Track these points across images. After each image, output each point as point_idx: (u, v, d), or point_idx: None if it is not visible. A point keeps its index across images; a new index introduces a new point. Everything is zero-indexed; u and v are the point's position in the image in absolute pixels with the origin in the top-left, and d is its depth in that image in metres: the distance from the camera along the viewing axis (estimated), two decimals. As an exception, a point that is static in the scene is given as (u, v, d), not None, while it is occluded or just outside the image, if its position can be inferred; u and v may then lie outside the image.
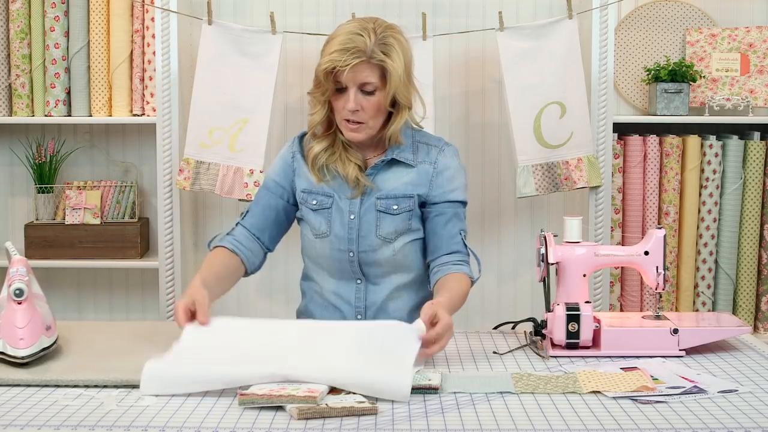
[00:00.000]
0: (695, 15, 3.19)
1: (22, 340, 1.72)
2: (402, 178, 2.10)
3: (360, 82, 1.99)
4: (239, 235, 2.14)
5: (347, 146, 2.11)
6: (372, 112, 2.02)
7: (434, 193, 2.10)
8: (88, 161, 3.25)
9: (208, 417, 1.51)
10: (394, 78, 2.00)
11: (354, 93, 2.00)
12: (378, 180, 2.11)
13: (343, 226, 2.10)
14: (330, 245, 2.11)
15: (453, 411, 1.55)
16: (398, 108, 2.06)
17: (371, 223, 2.09)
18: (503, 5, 3.09)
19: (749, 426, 1.47)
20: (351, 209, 2.10)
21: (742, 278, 3.08)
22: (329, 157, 2.11)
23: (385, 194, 2.09)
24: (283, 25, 3.02)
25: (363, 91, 2.01)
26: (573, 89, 2.92)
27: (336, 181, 2.12)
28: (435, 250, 2.10)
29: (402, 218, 2.09)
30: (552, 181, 2.96)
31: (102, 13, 3.03)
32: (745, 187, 3.06)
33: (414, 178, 2.10)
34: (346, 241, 2.10)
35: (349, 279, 2.15)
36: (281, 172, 2.17)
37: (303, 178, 2.15)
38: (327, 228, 2.11)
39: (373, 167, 2.11)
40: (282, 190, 2.17)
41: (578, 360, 1.87)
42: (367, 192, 2.10)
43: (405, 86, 2.04)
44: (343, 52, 1.97)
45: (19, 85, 3.06)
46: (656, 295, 2.08)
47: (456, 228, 2.10)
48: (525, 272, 3.28)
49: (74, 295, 3.31)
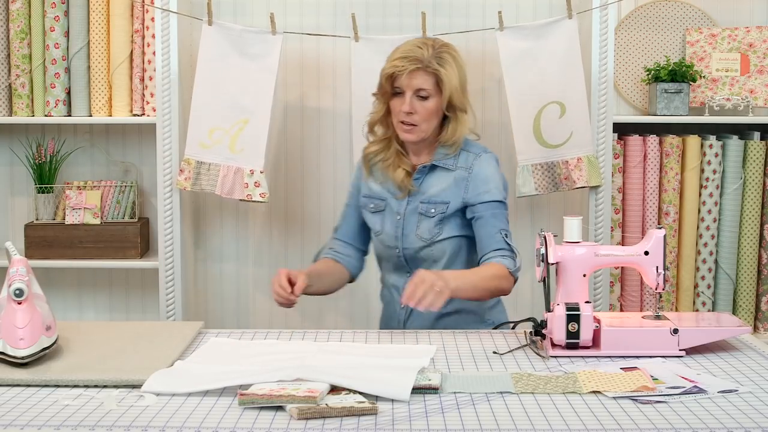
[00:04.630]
0: (695, 15, 3.19)
1: (22, 340, 1.72)
2: (441, 184, 2.31)
3: (415, 87, 2.24)
4: (335, 245, 2.47)
5: (400, 153, 2.34)
6: (425, 116, 2.25)
7: (469, 196, 2.29)
8: (88, 161, 3.25)
9: (208, 417, 1.52)
10: (447, 86, 2.24)
11: (410, 97, 2.25)
12: (424, 185, 2.33)
13: (392, 226, 2.35)
14: (383, 242, 2.38)
15: (453, 411, 1.55)
16: (454, 113, 2.28)
17: (413, 224, 2.32)
18: (503, 5, 3.08)
19: (749, 426, 1.47)
20: (398, 210, 2.34)
21: (742, 278, 3.08)
22: (383, 162, 2.37)
23: (427, 198, 2.31)
24: (283, 25, 3.02)
25: (418, 96, 2.25)
26: (573, 89, 2.92)
27: (388, 184, 2.37)
28: (480, 250, 2.27)
29: (435, 221, 2.30)
30: (552, 180, 2.96)
31: (102, 13, 3.03)
32: (745, 187, 3.06)
33: (451, 184, 2.30)
34: (393, 239, 2.35)
35: (401, 271, 2.38)
36: (354, 183, 2.48)
37: (364, 184, 2.43)
38: (380, 227, 2.38)
39: (419, 172, 2.32)
40: (358, 199, 2.45)
41: (578, 360, 1.87)
42: (413, 194, 2.33)
43: (460, 95, 2.28)
44: (403, 59, 2.24)
45: (19, 85, 3.06)
46: (656, 295, 2.08)
47: (495, 228, 2.26)
48: (525, 272, 3.28)
49: (74, 295, 3.31)
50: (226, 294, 3.29)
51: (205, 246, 3.28)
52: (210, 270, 3.29)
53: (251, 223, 3.26)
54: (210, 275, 3.29)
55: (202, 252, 3.28)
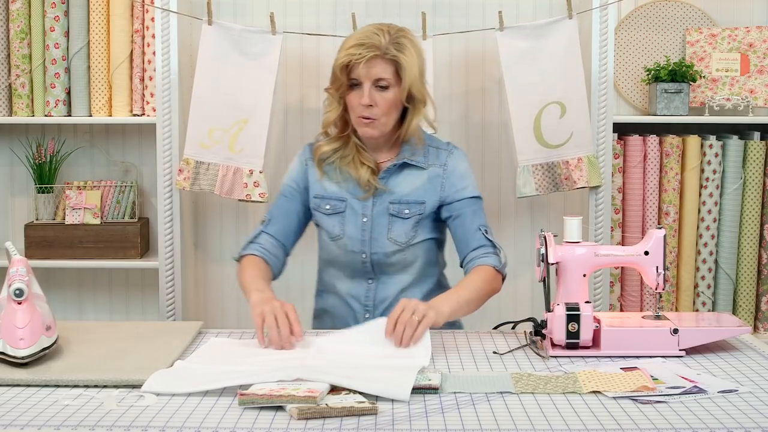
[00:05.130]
0: (695, 15, 3.19)
1: (22, 340, 1.72)
2: (414, 183, 2.16)
3: (374, 77, 2.06)
4: (265, 242, 2.22)
5: (360, 149, 2.17)
6: (385, 108, 2.09)
7: (447, 194, 2.16)
8: (88, 161, 3.25)
9: (208, 417, 1.52)
10: (409, 73, 2.07)
11: (368, 88, 2.07)
12: (391, 183, 2.16)
13: (356, 229, 2.16)
14: (344, 247, 2.18)
15: (453, 411, 1.55)
16: (414, 104, 2.12)
17: (383, 226, 2.16)
18: (503, 5, 3.08)
19: (749, 426, 1.47)
20: (364, 212, 2.16)
21: (742, 278, 3.08)
22: (341, 160, 2.17)
23: (398, 199, 2.15)
24: (283, 25, 3.02)
25: (377, 86, 2.07)
26: (573, 89, 2.92)
27: (348, 183, 2.17)
28: (462, 249, 2.16)
29: (412, 222, 2.15)
30: (552, 181, 2.96)
31: (102, 13, 3.03)
32: (745, 187, 3.06)
33: (425, 183, 2.16)
34: (359, 243, 2.17)
35: (361, 278, 2.21)
36: (297, 179, 2.25)
37: (316, 185, 2.21)
38: (341, 230, 2.18)
39: (386, 170, 2.16)
40: (299, 196, 2.24)
41: (578, 360, 1.87)
42: (378, 194, 2.15)
43: (420, 83, 2.10)
44: (358, 47, 2.05)
45: (19, 85, 3.06)
46: (656, 295, 2.08)
47: (475, 225, 2.16)
48: (525, 272, 3.28)
49: (74, 295, 3.31)
50: (226, 294, 3.29)
51: (205, 246, 3.28)
52: (210, 270, 3.29)
53: (251, 223, 3.26)
54: (210, 275, 3.29)
55: (202, 252, 3.28)
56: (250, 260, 2.18)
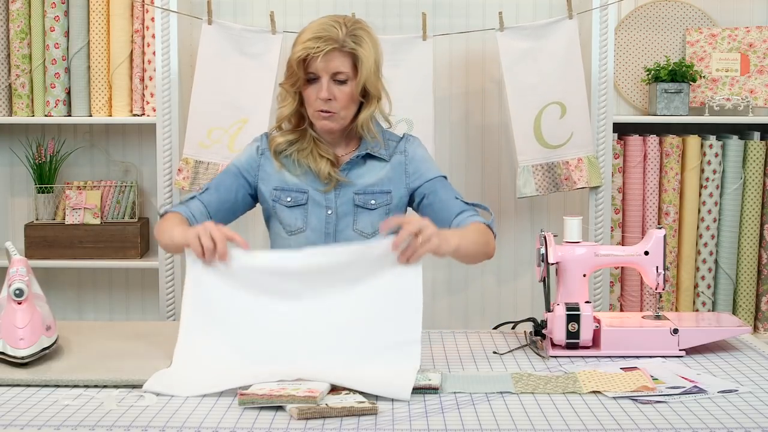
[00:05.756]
0: (695, 15, 3.19)
1: (22, 340, 1.72)
2: (378, 174, 2.13)
3: (332, 71, 2.02)
4: (195, 208, 2.11)
5: (318, 141, 2.12)
6: (344, 102, 2.05)
7: (413, 179, 2.13)
8: (88, 161, 3.25)
9: (208, 417, 1.52)
10: (366, 67, 2.03)
11: (326, 82, 2.03)
12: (352, 175, 2.12)
13: (320, 221, 2.11)
14: (306, 241, 2.10)
15: (453, 411, 1.55)
16: (369, 98, 2.09)
17: (349, 218, 2.11)
18: (503, 5, 3.08)
19: (749, 426, 1.47)
20: (327, 204, 2.11)
21: (742, 278, 3.08)
22: (299, 152, 2.12)
23: (362, 189, 2.12)
24: (283, 25, 3.02)
25: (335, 80, 2.03)
26: (573, 89, 2.92)
27: (307, 176, 2.13)
28: (444, 220, 2.07)
29: (379, 213, 2.11)
30: (552, 181, 2.96)
31: (102, 13, 3.03)
32: (745, 187, 3.06)
33: (389, 172, 2.13)
34: (323, 236, 2.11)
35: None
36: (246, 165, 2.17)
37: (274, 176, 2.14)
38: (303, 223, 2.12)
39: (349, 162, 2.12)
40: (243, 181, 2.16)
41: (578, 360, 1.87)
42: (341, 186, 2.11)
43: (375, 77, 2.07)
44: (316, 40, 2.01)
45: (19, 85, 3.06)
46: (656, 295, 2.08)
47: (450, 195, 2.11)
48: (525, 272, 3.28)
49: (74, 295, 3.31)
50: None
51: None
52: (210, 270, 3.28)
53: (251, 223, 3.26)
54: (210, 275, 3.28)
55: (202, 252, 3.27)
56: (174, 215, 2.08)
